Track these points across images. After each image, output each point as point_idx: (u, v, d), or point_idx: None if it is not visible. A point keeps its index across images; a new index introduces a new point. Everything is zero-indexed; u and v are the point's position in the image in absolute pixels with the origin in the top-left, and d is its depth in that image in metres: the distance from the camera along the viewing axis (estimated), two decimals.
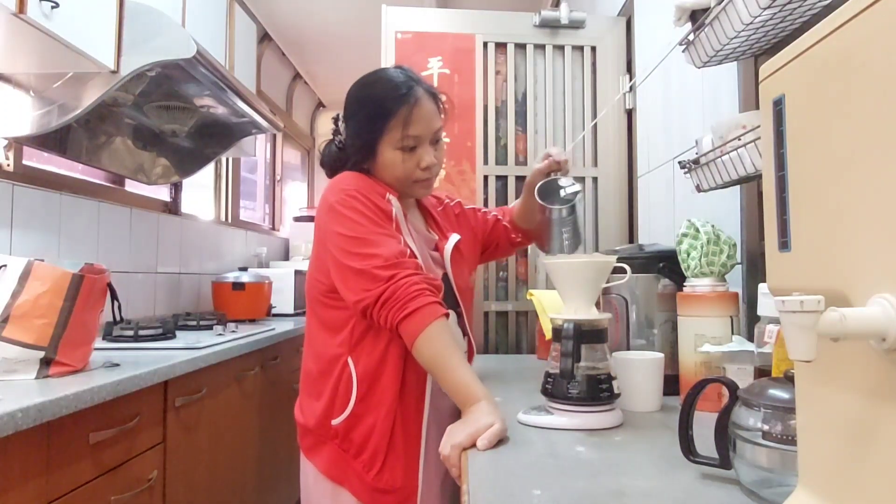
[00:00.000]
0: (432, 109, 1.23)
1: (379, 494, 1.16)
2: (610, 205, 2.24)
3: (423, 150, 1.22)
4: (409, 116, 1.18)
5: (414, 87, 1.21)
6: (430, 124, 1.21)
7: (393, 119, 1.18)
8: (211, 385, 1.86)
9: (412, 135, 1.19)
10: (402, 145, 1.19)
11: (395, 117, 1.18)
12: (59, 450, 1.17)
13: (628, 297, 1.36)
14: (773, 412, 0.66)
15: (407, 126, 1.18)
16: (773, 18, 1.03)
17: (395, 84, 1.21)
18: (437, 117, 1.24)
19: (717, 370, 1.11)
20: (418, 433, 1.18)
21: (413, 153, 1.21)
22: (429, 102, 1.22)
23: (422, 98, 1.21)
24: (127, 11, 1.79)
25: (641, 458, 0.85)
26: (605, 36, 2.27)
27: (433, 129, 1.22)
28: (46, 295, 1.32)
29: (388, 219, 1.15)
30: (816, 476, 0.54)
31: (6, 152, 1.90)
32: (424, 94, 1.22)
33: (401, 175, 1.21)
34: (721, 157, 1.18)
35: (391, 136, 1.19)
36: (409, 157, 1.21)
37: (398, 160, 1.20)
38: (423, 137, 1.21)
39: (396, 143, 1.19)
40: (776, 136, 0.56)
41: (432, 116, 1.22)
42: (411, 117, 1.18)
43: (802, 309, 0.43)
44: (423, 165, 1.22)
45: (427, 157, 1.22)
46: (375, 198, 1.16)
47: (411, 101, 1.19)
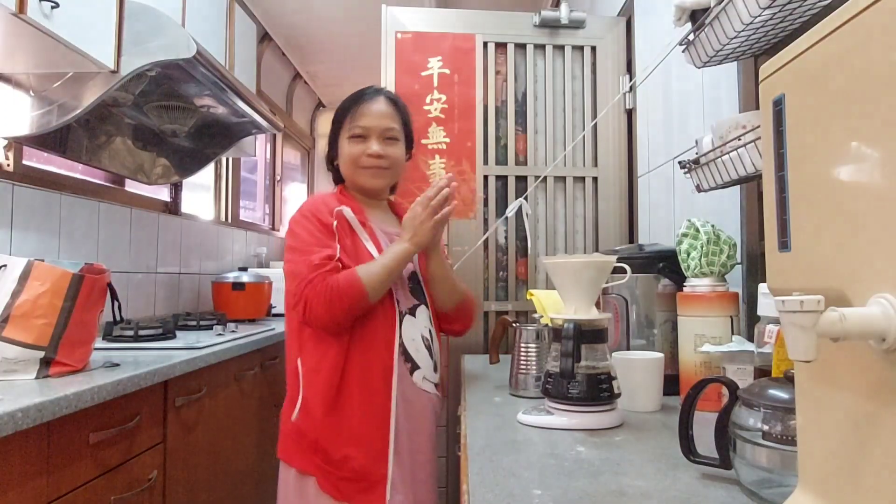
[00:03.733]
0: (385, 110, 1.41)
1: (344, 483, 1.24)
2: (610, 205, 2.24)
3: (371, 141, 1.38)
4: (357, 109, 1.39)
5: (370, 90, 1.43)
6: (379, 119, 1.39)
7: (348, 115, 1.40)
8: (211, 385, 1.86)
9: (360, 125, 1.38)
10: (352, 134, 1.39)
11: (349, 113, 1.40)
12: (59, 450, 1.17)
13: (628, 297, 1.36)
14: (773, 412, 0.66)
15: (355, 118, 1.38)
16: (772, 18, 1.03)
17: (360, 91, 1.44)
18: (390, 118, 1.41)
19: (717, 370, 1.11)
20: (386, 424, 1.26)
21: (362, 142, 1.38)
22: (382, 103, 1.41)
23: (374, 97, 1.41)
24: (127, 11, 1.79)
25: (641, 458, 0.85)
26: (605, 36, 2.27)
27: (383, 125, 1.39)
28: (46, 295, 1.32)
29: (329, 232, 1.31)
30: (816, 476, 0.54)
31: (6, 152, 1.90)
32: (379, 95, 1.42)
33: (348, 161, 1.39)
34: (721, 157, 1.18)
35: (345, 128, 1.40)
36: (357, 144, 1.38)
37: (349, 147, 1.39)
38: (371, 129, 1.38)
39: (347, 133, 1.39)
40: (776, 136, 0.56)
41: (383, 115, 1.40)
42: (360, 110, 1.39)
43: (802, 309, 0.43)
44: (369, 153, 1.37)
45: (374, 146, 1.37)
46: (321, 215, 1.33)
47: (364, 98, 1.40)
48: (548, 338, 1.35)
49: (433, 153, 2.17)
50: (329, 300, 1.21)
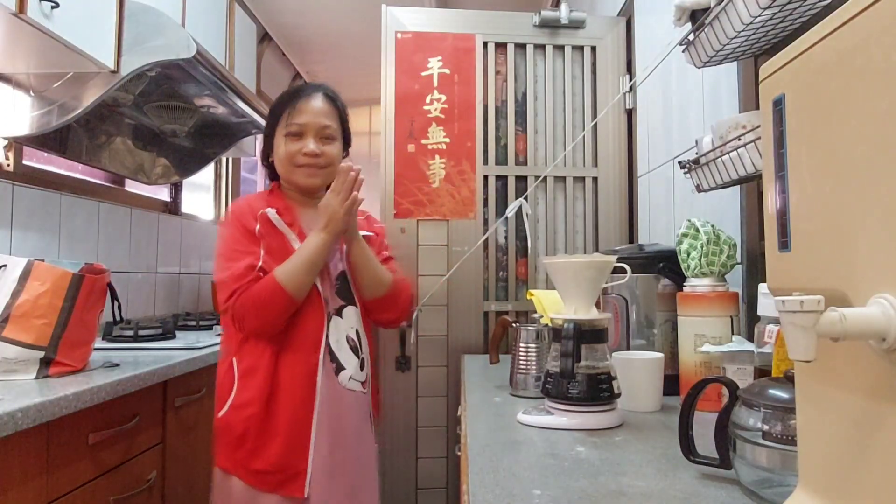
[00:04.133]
0: (323, 107, 1.39)
1: (262, 475, 1.27)
2: (610, 205, 2.24)
3: (308, 139, 1.37)
4: (295, 106, 1.37)
5: (307, 87, 1.41)
6: (316, 116, 1.37)
7: (285, 111, 1.38)
8: (211, 385, 1.85)
9: (297, 122, 1.36)
10: (288, 131, 1.37)
11: (286, 109, 1.38)
12: (58, 450, 1.17)
13: (628, 297, 1.36)
14: (773, 412, 0.66)
15: (292, 115, 1.36)
16: (773, 18, 1.03)
17: (297, 87, 1.42)
18: (327, 116, 1.39)
19: (717, 370, 1.11)
20: (308, 421, 1.29)
21: (298, 140, 1.37)
22: (320, 100, 1.39)
23: (313, 93, 1.39)
24: (127, 11, 1.79)
25: (641, 458, 0.85)
26: (605, 36, 2.27)
27: (320, 123, 1.37)
28: (46, 295, 1.32)
29: (251, 236, 1.32)
30: (816, 476, 0.54)
31: (6, 152, 1.90)
32: (317, 92, 1.40)
33: (284, 158, 1.37)
34: (721, 157, 1.18)
35: (281, 124, 1.38)
36: (294, 142, 1.37)
37: (285, 145, 1.37)
38: (308, 126, 1.36)
39: (284, 130, 1.37)
40: (776, 136, 0.56)
41: (321, 112, 1.38)
42: (297, 107, 1.37)
43: (802, 309, 0.43)
44: (305, 151, 1.36)
45: (310, 145, 1.36)
46: (244, 219, 1.33)
47: (300, 95, 1.38)
48: (548, 338, 1.35)
49: (433, 153, 2.17)
50: (256, 310, 1.25)
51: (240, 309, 1.25)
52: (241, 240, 1.32)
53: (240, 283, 1.26)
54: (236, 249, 1.31)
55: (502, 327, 1.54)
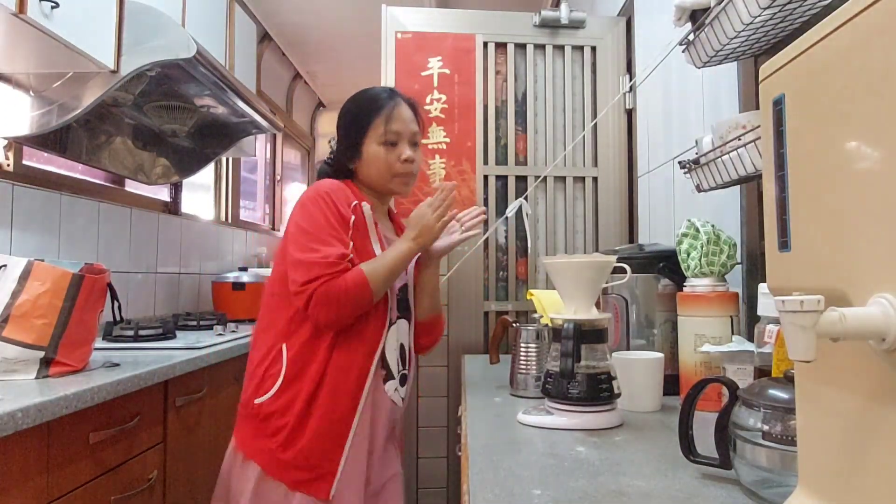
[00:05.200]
0: (410, 115, 1.38)
1: (290, 469, 1.23)
2: (610, 205, 2.24)
3: (402, 146, 1.35)
4: (390, 114, 1.34)
5: (395, 95, 1.39)
6: (408, 125, 1.36)
7: (377, 117, 1.34)
8: (211, 385, 1.86)
9: (394, 129, 1.34)
10: (385, 140, 1.34)
11: (378, 116, 1.34)
12: (59, 450, 1.17)
13: (628, 297, 1.36)
14: (773, 412, 0.66)
15: (389, 122, 1.34)
16: (773, 18, 1.03)
17: (378, 92, 1.40)
18: (414, 123, 1.39)
19: (717, 370, 1.11)
20: (349, 423, 1.26)
21: (394, 148, 1.35)
22: (407, 109, 1.38)
23: (401, 103, 1.38)
24: (127, 11, 1.79)
25: (641, 458, 0.85)
26: (605, 36, 2.27)
27: (412, 130, 1.37)
28: (46, 295, 1.32)
29: (345, 224, 1.27)
30: (816, 476, 0.54)
31: (6, 152, 1.90)
32: (403, 101, 1.39)
33: (383, 167, 1.34)
34: (721, 157, 1.18)
35: (375, 132, 1.34)
36: (391, 150, 1.34)
37: (381, 153, 1.34)
38: (403, 134, 1.35)
39: (379, 139, 1.34)
40: (776, 136, 0.56)
41: (411, 120, 1.38)
42: (392, 115, 1.35)
43: (802, 309, 0.43)
44: (404, 158, 1.34)
45: (406, 151, 1.35)
46: (341, 204, 1.28)
47: (392, 103, 1.36)
48: (548, 338, 1.35)
49: (433, 153, 2.17)
50: (338, 302, 1.20)
51: (322, 296, 1.19)
52: (336, 224, 1.26)
53: (331, 271, 1.20)
54: (330, 233, 1.24)
55: (502, 327, 1.54)
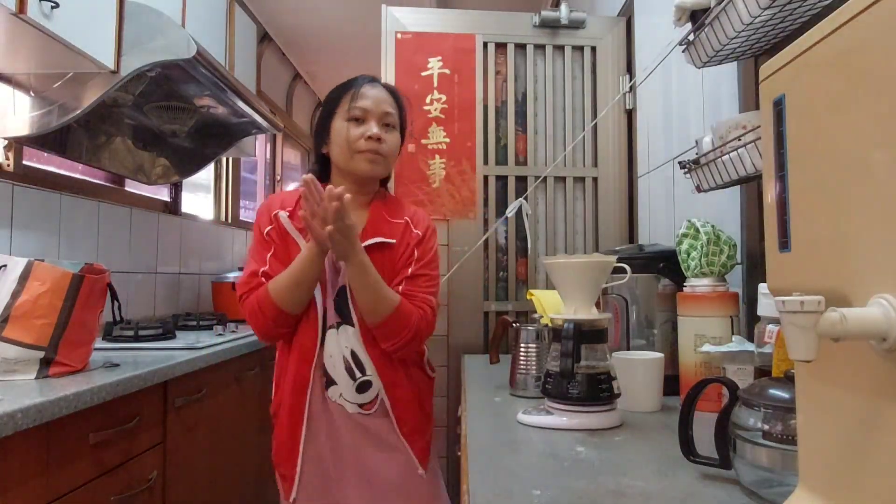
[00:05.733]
0: (384, 96, 1.36)
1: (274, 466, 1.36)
2: (610, 205, 2.24)
3: (370, 123, 1.32)
4: (357, 91, 1.33)
5: (367, 77, 1.38)
6: (378, 103, 1.34)
7: (344, 95, 1.35)
8: (211, 385, 1.86)
9: (359, 105, 1.32)
10: (350, 116, 1.32)
11: (346, 94, 1.34)
12: (59, 450, 1.17)
13: (628, 297, 1.36)
14: (773, 412, 0.66)
15: (355, 98, 1.32)
16: (773, 18, 1.03)
17: (349, 79, 1.39)
18: (388, 104, 1.36)
19: (717, 370, 1.11)
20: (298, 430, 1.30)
21: (360, 124, 1.32)
22: (381, 91, 1.37)
23: (375, 84, 1.37)
24: (127, 11, 1.79)
25: (641, 458, 0.85)
26: (605, 36, 2.27)
27: (382, 110, 1.34)
28: (46, 295, 1.32)
29: (263, 241, 1.32)
30: (816, 476, 0.54)
31: (6, 152, 1.90)
32: (378, 84, 1.38)
33: (344, 142, 1.32)
34: (721, 158, 1.18)
35: (341, 108, 1.34)
36: (356, 126, 1.32)
37: (346, 128, 1.32)
38: (370, 111, 1.33)
39: (345, 115, 1.32)
40: (776, 136, 0.56)
41: (382, 100, 1.35)
42: (360, 92, 1.33)
43: (802, 309, 0.43)
44: (368, 134, 1.31)
45: (373, 128, 1.31)
46: (261, 219, 1.34)
47: (361, 81, 1.36)
48: (548, 338, 1.35)
49: (433, 153, 2.17)
50: (252, 318, 1.28)
51: (245, 313, 1.29)
52: (256, 245, 1.34)
53: (244, 290, 1.30)
54: (252, 253, 1.35)
55: (502, 327, 1.54)
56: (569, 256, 1.18)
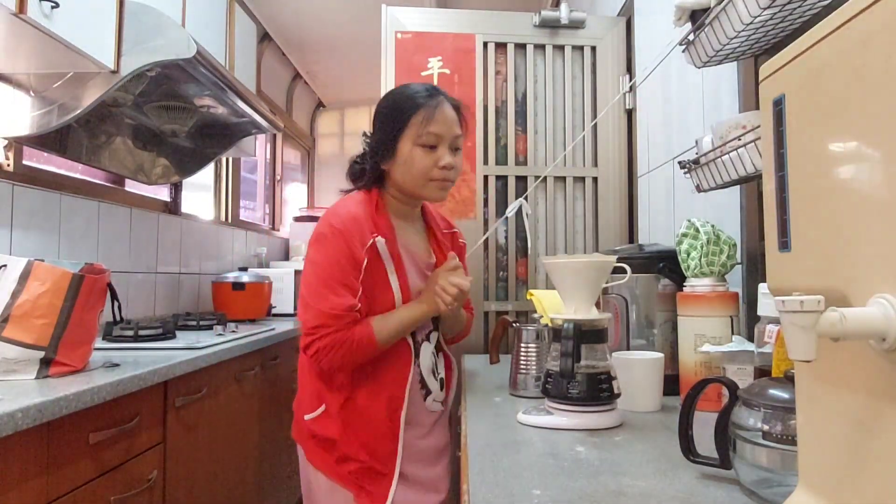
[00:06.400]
0: (454, 117, 1.28)
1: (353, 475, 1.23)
2: (610, 205, 2.24)
3: (442, 150, 1.25)
4: (431, 114, 1.24)
5: (437, 94, 1.28)
6: (451, 127, 1.26)
7: (415, 115, 1.24)
8: (211, 385, 1.86)
9: (433, 132, 1.24)
10: (423, 142, 1.24)
11: (417, 114, 1.24)
12: (59, 450, 1.17)
13: (628, 297, 1.36)
14: (773, 412, 0.66)
15: (428, 123, 1.23)
16: (773, 18, 1.03)
17: (420, 89, 1.29)
18: (457, 125, 1.29)
19: (717, 370, 1.11)
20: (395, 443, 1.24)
21: (432, 151, 1.25)
22: (450, 110, 1.28)
23: (444, 103, 1.27)
24: (127, 11, 1.79)
25: (641, 458, 0.85)
26: (605, 36, 2.27)
27: (453, 133, 1.27)
28: (46, 295, 1.32)
29: (357, 269, 1.21)
30: (816, 476, 0.54)
31: (6, 152, 1.90)
32: (447, 101, 1.28)
33: (417, 171, 1.25)
34: (721, 157, 1.18)
35: (412, 131, 1.24)
36: (428, 154, 1.25)
37: (417, 156, 1.24)
38: (443, 137, 1.25)
39: (417, 139, 1.24)
40: (776, 136, 0.56)
41: (453, 122, 1.27)
42: (433, 115, 1.24)
43: (802, 309, 0.43)
44: (441, 164, 1.25)
45: (446, 157, 1.25)
46: (354, 245, 1.21)
47: (434, 102, 1.25)
48: (548, 338, 1.35)
49: None
50: (342, 355, 1.18)
51: (327, 349, 1.18)
52: (346, 268, 1.20)
53: (337, 324, 1.18)
54: (338, 279, 1.20)
55: (502, 327, 1.54)
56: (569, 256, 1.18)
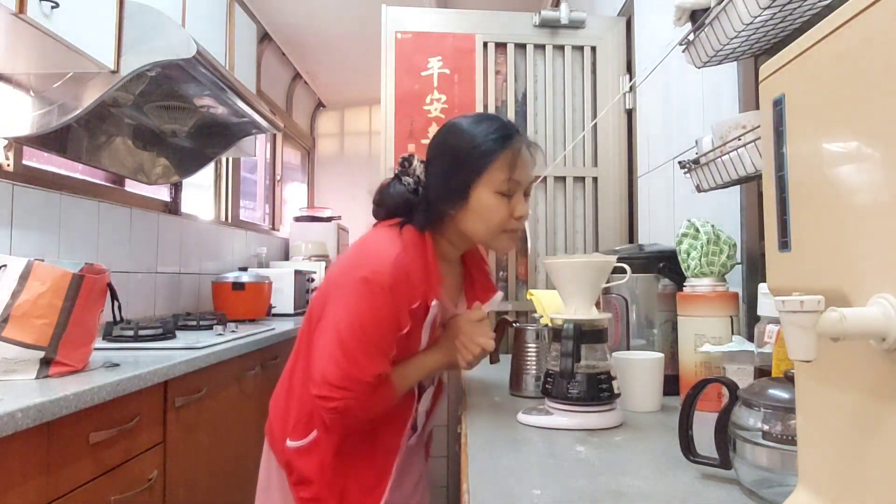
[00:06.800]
0: (530, 159, 1.15)
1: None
2: (610, 205, 2.24)
3: (517, 198, 1.12)
4: (515, 160, 1.09)
5: (516, 133, 1.13)
6: (530, 173, 1.14)
7: (498, 160, 1.09)
8: (211, 385, 1.86)
9: (517, 179, 1.10)
10: (505, 189, 1.09)
11: (500, 158, 1.09)
12: (59, 450, 1.17)
13: (628, 297, 1.36)
14: (773, 412, 0.66)
15: (513, 169, 1.09)
16: (773, 18, 1.03)
17: (498, 127, 1.13)
18: (533, 168, 1.17)
19: (717, 370, 1.11)
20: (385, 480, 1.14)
21: (508, 199, 1.11)
22: (526, 151, 1.14)
23: (524, 145, 1.13)
24: (127, 11, 1.79)
25: (641, 458, 0.85)
26: (605, 36, 2.27)
27: (530, 179, 1.15)
28: (46, 295, 1.32)
29: (397, 332, 1.07)
30: (816, 476, 0.54)
31: (6, 152, 1.90)
32: (526, 144, 1.15)
33: (495, 222, 1.10)
34: (721, 157, 1.18)
35: (493, 176, 1.08)
36: (505, 203, 1.10)
37: (495, 205, 1.09)
38: (522, 185, 1.12)
39: (498, 186, 1.09)
40: (776, 136, 0.56)
41: (531, 166, 1.15)
42: (518, 161, 1.10)
43: (802, 309, 0.43)
44: (517, 214, 1.11)
45: (521, 207, 1.12)
46: (402, 307, 1.06)
47: (516, 145, 1.11)
48: (548, 338, 1.35)
49: None
50: (363, 415, 1.07)
51: (349, 410, 1.04)
52: (387, 333, 1.06)
53: (364, 391, 1.04)
54: (376, 344, 1.05)
55: (502, 327, 1.54)
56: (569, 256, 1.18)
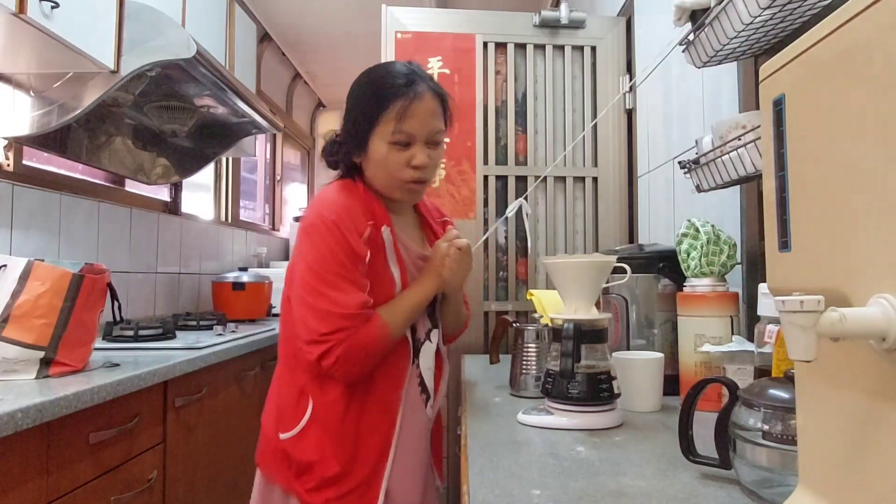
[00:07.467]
0: (433, 108, 1.15)
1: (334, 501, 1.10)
2: (610, 205, 2.24)
3: (416, 148, 1.13)
4: (405, 109, 1.11)
5: (416, 82, 1.13)
6: (427, 123, 1.13)
7: (388, 110, 1.11)
8: (211, 385, 1.86)
9: (405, 130, 1.11)
10: (394, 139, 1.12)
11: (390, 108, 1.11)
12: (59, 450, 1.17)
13: (628, 297, 1.36)
14: (773, 412, 0.66)
15: (401, 119, 1.11)
16: (773, 18, 1.03)
17: (396, 74, 1.14)
18: (437, 118, 1.16)
19: (717, 370, 1.11)
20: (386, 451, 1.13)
21: (405, 150, 1.13)
22: (431, 101, 1.14)
23: (423, 93, 1.13)
24: (127, 11, 1.79)
25: (641, 458, 0.85)
26: (605, 36, 2.27)
27: (430, 129, 1.14)
28: (46, 295, 1.32)
29: (359, 263, 1.09)
30: (816, 476, 0.54)
31: (6, 152, 1.90)
32: (427, 91, 1.14)
33: (387, 171, 1.14)
34: (721, 157, 1.18)
35: (384, 128, 1.12)
36: (400, 153, 1.12)
37: (387, 155, 1.12)
38: (417, 135, 1.13)
39: (388, 137, 1.12)
40: (776, 136, 0.56)
41: (431, 115, 1.14)
42: (407, 111, 1.11)
43: (802, 309, 0.43)
44: (414, 163, 1.12)
45: (419, 156, 1.12)
46: (352, 238, 1.08)
47: (410, 94, 1.11)
48: (548, 338, 1.35)
49: None
50: (362, 358, 1.06)
51: (346, 355, 1.04)
52: (348, 264, 1.07)
53: (351, 324, 1.05)
54: (343, 276, 1.07)
55: (502, 327, 1.54)
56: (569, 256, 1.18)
